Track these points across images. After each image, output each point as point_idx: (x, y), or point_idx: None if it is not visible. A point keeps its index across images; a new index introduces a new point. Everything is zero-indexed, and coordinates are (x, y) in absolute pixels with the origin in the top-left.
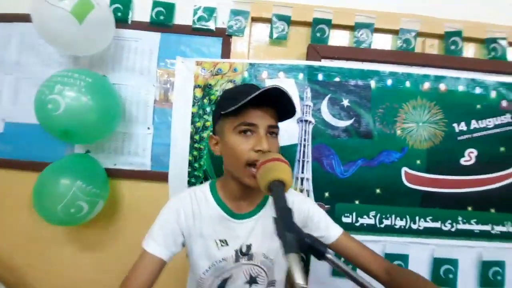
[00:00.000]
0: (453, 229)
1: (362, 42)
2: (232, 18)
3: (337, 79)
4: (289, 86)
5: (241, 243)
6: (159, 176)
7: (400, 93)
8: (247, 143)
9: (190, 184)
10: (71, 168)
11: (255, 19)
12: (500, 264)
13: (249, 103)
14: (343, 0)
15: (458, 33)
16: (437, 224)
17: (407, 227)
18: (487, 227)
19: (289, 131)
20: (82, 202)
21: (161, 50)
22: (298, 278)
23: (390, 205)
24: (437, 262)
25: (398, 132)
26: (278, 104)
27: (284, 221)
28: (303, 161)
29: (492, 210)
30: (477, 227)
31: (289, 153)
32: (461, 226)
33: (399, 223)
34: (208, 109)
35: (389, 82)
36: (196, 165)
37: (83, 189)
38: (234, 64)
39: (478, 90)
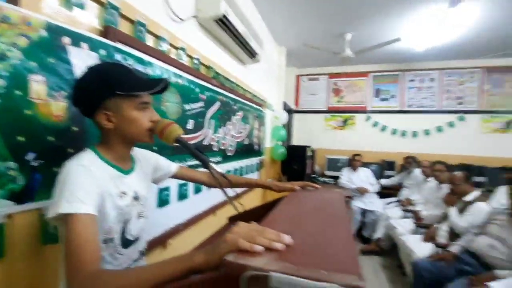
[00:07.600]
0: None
1: (142, 37)
2: None
3: (130, 61)
4: (93, 59)
5: (132, 190)
6: None
7: None
8: (145, 116)
9: None
10: None
11: None
12: None
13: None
14: None
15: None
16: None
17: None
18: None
19: None
20: None
21: None
22: (219, 170)
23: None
24: None
25: (163, 108)
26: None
27: (200, 151)
28: None
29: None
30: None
31: None
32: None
33: None
34: None
35: (158, 72)
36: None
37: None
38: (29, 17)
39: (192, 86)
